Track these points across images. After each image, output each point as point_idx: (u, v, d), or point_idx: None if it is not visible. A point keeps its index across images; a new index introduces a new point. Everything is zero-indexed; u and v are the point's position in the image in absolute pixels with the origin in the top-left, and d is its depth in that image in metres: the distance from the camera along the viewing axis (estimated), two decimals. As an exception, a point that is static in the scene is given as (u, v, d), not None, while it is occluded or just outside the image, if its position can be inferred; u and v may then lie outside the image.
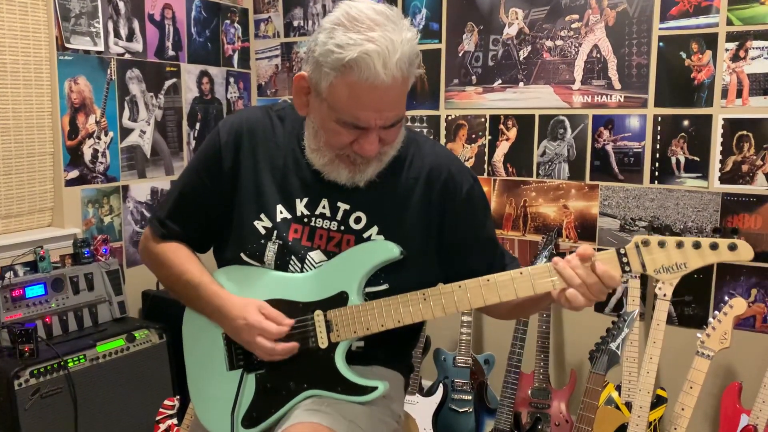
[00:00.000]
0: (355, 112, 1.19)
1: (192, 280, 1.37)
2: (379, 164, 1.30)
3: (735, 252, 1.14)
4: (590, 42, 2.77)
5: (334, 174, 1.30)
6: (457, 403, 2.83)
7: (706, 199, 2.59)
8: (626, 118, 2.73)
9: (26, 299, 2.45)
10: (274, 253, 1.35)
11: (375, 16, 1.15)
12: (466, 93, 3.07)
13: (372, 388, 1.29)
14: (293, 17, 3.53)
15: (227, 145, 1.37)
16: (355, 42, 1.13)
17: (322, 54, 1.16)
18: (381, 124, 1.21)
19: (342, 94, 1.17)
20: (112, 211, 2.96)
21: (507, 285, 1.23)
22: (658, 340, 2.39)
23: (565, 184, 2.87)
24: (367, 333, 1.29)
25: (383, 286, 1.33)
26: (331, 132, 1.24)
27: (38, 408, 2.27)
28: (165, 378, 2.68)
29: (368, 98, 1.16)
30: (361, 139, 1.22)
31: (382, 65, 1.12)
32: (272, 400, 1.33)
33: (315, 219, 1.35)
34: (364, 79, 1.13)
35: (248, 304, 1.31)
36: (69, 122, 2.76)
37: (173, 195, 1.44)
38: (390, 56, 1.13)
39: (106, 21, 2.87)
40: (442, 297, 1.26)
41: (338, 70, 1.15)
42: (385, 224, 1.34)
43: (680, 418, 2.15)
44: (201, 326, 1.42)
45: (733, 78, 2.50)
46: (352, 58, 1.12)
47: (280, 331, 1.28)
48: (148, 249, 1.47)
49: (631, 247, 1.18)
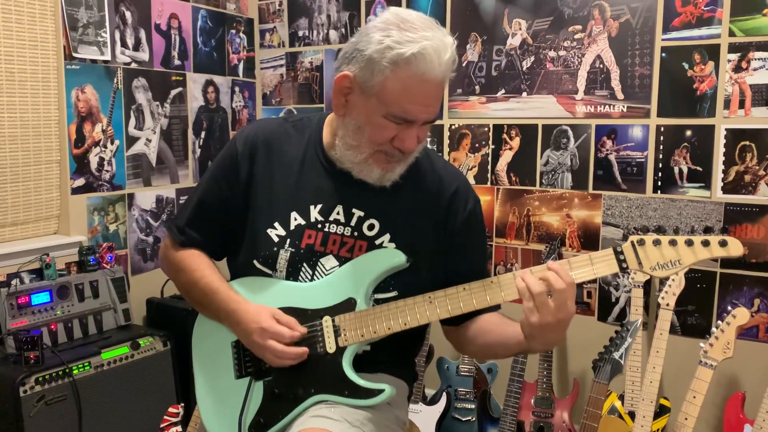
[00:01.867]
0: (406, 105, 1.25)
1: (210, 285, 1.41)
2: (405, 165, 1.36)
3: (725, 248, 1.20)
4: (593, 52, 2.78)
5: (366, 172, 1.35)
6: (460, 411, 2.83)
7: (709, 208, 2.59)
8: (629, 128, 2.74)
9: (32, 306, 2.47)
10: (286, 260, 1.38)
11: (423, 20, 1.25)
12: (469, 103, 3.09)
13: (379, 391, 1.31)
14: (298, 27, 3.55)
15: (243, 155, 1.42)
16: (413, 39, 1.21)
17: (377, 51, 1.23)
18: (425, 118, 1.28)
19: (395, 88, 1.24)
20: (118, 219, 2.98)
21: (509, 284, 1.27)
22: (661, 349, 2.40)
23: (568, 194, 2.88)
24: (374, 336, 1.31)
25: (392, 292, 1.37)
26: (376, 127, 1.29)
27: (43, 415, 2.28)
28: (169, 385, 2.67)
29: (419, 92, 1.24)
30: (402, 134, 1.29)
31: (438, 60, 1.21)
32: (280, 406, 1.35)
33: (329, 225, 1.39)
34: (420, 72, 1.21)
35: (262, 310, 1.34)
36: (75, 131, 2.78)
37: (192, 203, 1.48)
38: (443, 54, 1.22)
39: (113, 31, 2.90)
40: (447, 298, 1.30)
41: (396, 65, 1.22)
42: (398, 232, 1.38)
43: (683, 427, 2.15)
44: (211, 334, 1.44)
45: (735, 89, 2.51)
46: (413, 52, 1.20)
47: (292, 335, 1.31)
48: (168, 257, 1.51)
49: (628, 246, 1.24)
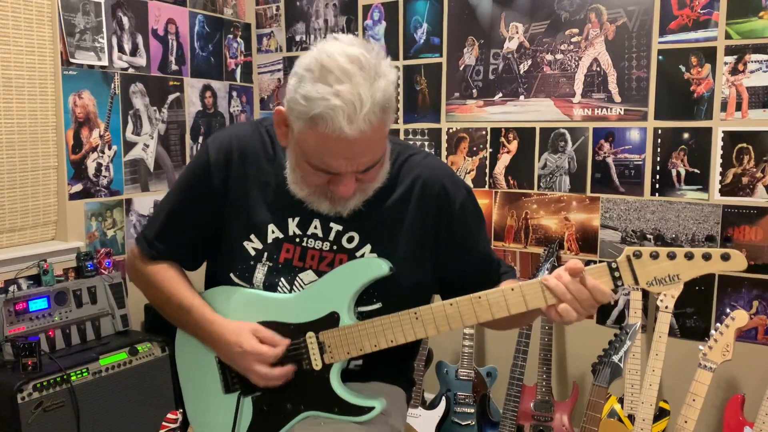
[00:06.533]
0: (325, 160, 1.16)
1: (183, 304, 1.34)
2: (363, 195, 1.26)
3: (728, 262, 1.10)
4: (590, 56, 2.79)
5: (316, 205, 1.27)
6: (460, 416, 2.82)
7: (707, 211, 2.59)
8: (626, 130, 2.74)
9: (29, 312, 2.46)
10: (264, 274, 1.32)
11: (347, 65, 1.10)
12: (467, 106, 3.09)
13: (369, 408, 1.26)
14: (295, 32, 3.56)
15: (217, 163, 1.33)
16: (321, 96, 1.08)
17: (291, 100, 1.14)
18: (354, 169, 1.17)
19: (311, 142, 1.14)
20: (116, 225, 2.98)
21: (499, 302, 1.20)
22: (660, 352, 2.40)
23: (566, 197, 2.88)
24: (360, 353, 1.27)
25: (377, 304, 1.30)
26: (305, 172, 1.21)
27: (41, 421, 2.27)
28: (168, 391, 2.68)
29: (336, 148, 1.13)
30: (335, 181, 1.20)
31: (347, 121, 1.08)
32: (270, 422, 1.32)
33: (307, 239, 1.32)
34: (330, 131, 1.09)
35: (241, 328, 1.28)
36: (73, 136, 2.78)
37: (161, 214, 1.40)
38: (357, 112, 1.08)
39: (110, 36, 2.90)
40: (434, 316, 1.23)
41: (305, 121, 1.12)
42: (378, 242, 1.31)
43: (683, 430, 2.14)
44: (194, 349, 1.39)
45: (732, 91, 2.51)
46: (317, 113, 1.09)
47: (276, 353, 1.26)
48: (136, 268, 1.42)
49: (623, 260, 1.14)
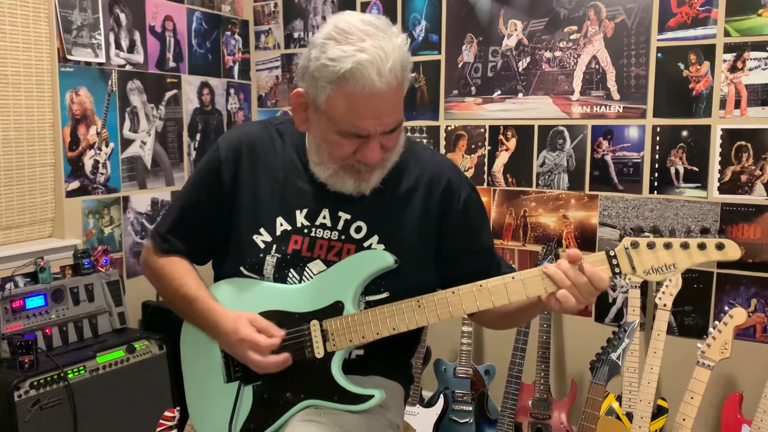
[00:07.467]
0: (355, 122, 1.20)
1: (188, 295, 1.39)
2: (383, 171, 1.32)
3: (722, 251, 1.15)
4: (589, 53, 2.78)
5: (340, 185, 1.31)
6: (458, 413, 2.82)
7: (706, 209, 2.59)
8: (625, 128, 2.74)
9: (26, 310, 2.45)
10: (273, 266, 1.36)
11: (364, 26, 1.17)
12: (465, 104, 3.08)
13: (368, 397, 1.29)
14: (293, 29, 3.55)
15: (227, 160, 1.39)
16: (347, 54, 1.14)
17: (317, 69, 1.18)
18: (381, 130, 1.23)
19: (340, 106, 1.19)
20: (113, 222, 2.97)
21: (499, 290, 1.23)
22: (658, 350, 2.40)
23: (565, 194, 2.88)
24: (362, 341, 1.30)
25: (384, 294, 1.34)
26: (332, 144, 1.25)
27: (38, 419, 2.26)
28: (165, 389, 2.67)
29: (366, 107, 1.18)
30: (363, 148, 1.24)
31: (377, 73, 1.14)
32: (270, 411, 1.34)
33: (315, 229, 1.36)
34: (360, 88, 1.15)
35: (239, 317, 1.31)
36: (70, 133, 2.77)
37: (174, 210, 1.46)
38: (383, 64, 1.14)
39: (107, 33, 2.89)
40: (436, 303, 1.27)
41: (335, 83, 1.17)
42: (386, 233, 1.35)
43: (681, 428, 2.14)
44: (199, 339, 1.43)
45: (731, 89, 2.51)
46: (347, 69, 1.14)
47: (270, 343, 1.28)
48: (149, 263, 1.48)
49: (621, 249, 1.19)
